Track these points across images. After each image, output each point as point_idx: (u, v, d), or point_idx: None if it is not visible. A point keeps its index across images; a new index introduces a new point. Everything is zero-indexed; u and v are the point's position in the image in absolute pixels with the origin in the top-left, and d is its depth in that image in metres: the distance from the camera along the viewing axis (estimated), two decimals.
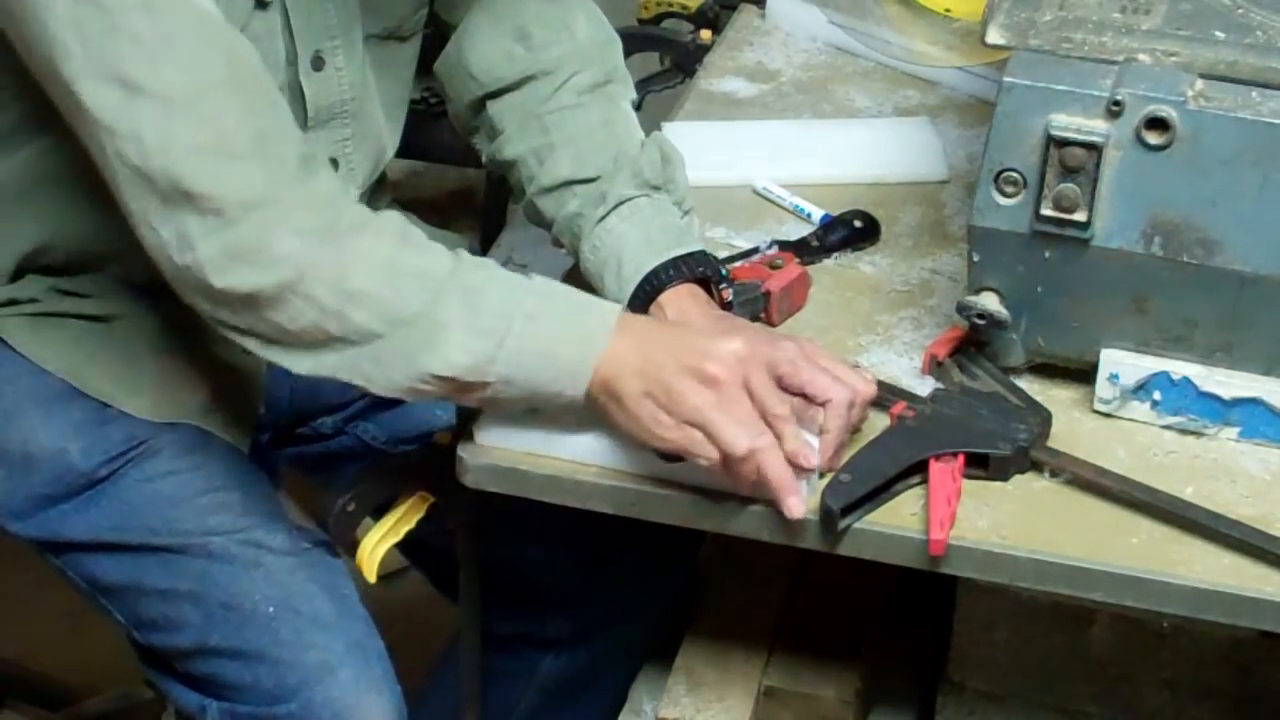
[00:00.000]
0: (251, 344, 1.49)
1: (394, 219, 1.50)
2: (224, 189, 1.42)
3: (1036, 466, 1.48)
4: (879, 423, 1.52)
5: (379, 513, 1.61)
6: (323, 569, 1.68)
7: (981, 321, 1.54)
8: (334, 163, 1.69)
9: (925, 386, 1.57)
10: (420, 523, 1.60)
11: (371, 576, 1.62)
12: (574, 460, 1.50)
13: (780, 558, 1.61)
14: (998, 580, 1.46)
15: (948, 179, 1.89)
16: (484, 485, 1.53)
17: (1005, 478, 1.47)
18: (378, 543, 1.60)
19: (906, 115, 2.02)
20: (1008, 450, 1.47)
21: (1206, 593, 1.40)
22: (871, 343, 1.64)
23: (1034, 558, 1.42)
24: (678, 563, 1.86)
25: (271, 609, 1.64)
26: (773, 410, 1.43)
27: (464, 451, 1.53)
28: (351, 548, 1.63)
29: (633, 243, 1.62)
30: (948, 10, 2.10)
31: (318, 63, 1.63)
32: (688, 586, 1.87)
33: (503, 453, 1.52)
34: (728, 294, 1.62)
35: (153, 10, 1.40)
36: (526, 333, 1.45)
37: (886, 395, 1.53)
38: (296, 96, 1.63)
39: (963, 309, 1.54)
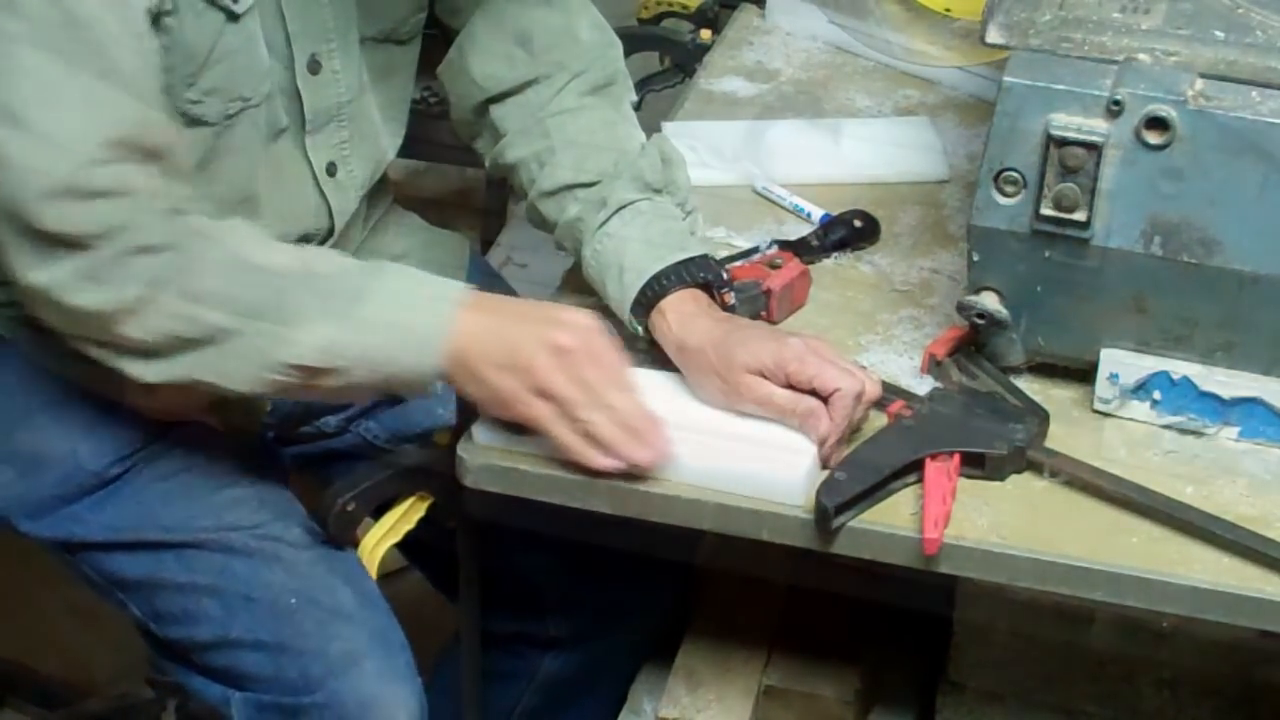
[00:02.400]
0: (104, 355, 1.51)
1: (238, 223, 1.53)
2: (75, 227, 1.44)
3: (1035, 467, 1.48)
4: (877, 422, 1.52)
5: (379, 512, 1.61)
6: (341, 561, 1.68)
7: (981, 321, 1.54)
8: (332, 166, 1.70)
9: (924, 386, 1.57)
10: (420, 523, 1.61)
11: (372, 575, 1.62)
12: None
13: (780, 558, 1.61)
14: (997, 580, 1.45)
15: (948, 178, 1.89)
16: (483, 485, 1.53)
17: (1001, 477, 1.47)
18: (378, 543, 1.60)
19: (906, 115, 2.02)
20: (1004, 450, 1.47)
21: (1206, 592, 1.40)
22: (872, 342, 1.64)
23: (1034, 557, 1.42)
24: (675, 564, 1.86)
25: (293, 601, 1.65)
26: (619, 383, 1.48)
27: (464, 451, 1.53)
28: (352, 547, 1.63)
29: (633, 248, 1.62)
30: (948, 10, 2.10)
31: (314, 66, 1.64)
32: (686, 586, 1.87)
33: (502, 453, 1.52)
34: (729, 298, 1.63)
35: (53, 52, 1.43)
36: (378, 316, 1.49)
37: (885, 394, 1.53)
38: (294, 100, 1.64)
39: (963, 309, 1.54)
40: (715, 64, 2.13)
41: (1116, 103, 1.44)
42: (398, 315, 1.50)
